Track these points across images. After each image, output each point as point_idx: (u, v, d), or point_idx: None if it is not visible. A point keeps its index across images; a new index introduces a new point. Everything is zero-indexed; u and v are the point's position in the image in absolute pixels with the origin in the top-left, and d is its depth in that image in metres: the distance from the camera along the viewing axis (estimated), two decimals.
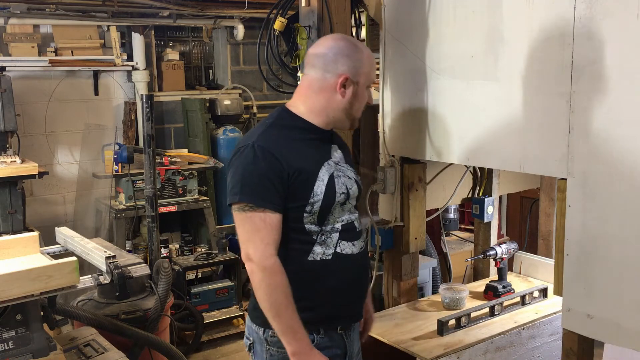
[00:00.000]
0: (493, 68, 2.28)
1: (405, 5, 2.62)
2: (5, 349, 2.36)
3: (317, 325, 1.89)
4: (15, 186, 3.93)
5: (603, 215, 1.95)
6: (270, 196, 1.78)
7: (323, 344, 1.89)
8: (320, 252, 1.87)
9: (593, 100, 1.96)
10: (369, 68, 1.90)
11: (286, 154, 1.81)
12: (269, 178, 1.77)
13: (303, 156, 1.85)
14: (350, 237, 1.93)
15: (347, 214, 1.94)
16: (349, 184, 1.93)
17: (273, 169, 1.78)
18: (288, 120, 1.91)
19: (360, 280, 2.00)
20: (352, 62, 1.86)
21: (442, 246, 3.72)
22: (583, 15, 1.96)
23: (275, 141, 1.83)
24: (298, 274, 1.85)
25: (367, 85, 1.92)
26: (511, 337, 2.59)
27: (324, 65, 1.87)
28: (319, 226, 1.87)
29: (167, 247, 4.51)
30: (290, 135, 1.88)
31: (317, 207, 1.84)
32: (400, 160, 2.79)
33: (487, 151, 2.36)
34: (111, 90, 5.30)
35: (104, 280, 2.75)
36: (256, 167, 1.78)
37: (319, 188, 1.84)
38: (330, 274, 1.88)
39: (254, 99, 5.90)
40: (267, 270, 1.76)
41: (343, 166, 1.96)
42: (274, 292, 1.76)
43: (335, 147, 1.98)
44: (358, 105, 1.92)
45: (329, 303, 1.90)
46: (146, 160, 3.68)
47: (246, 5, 5.05)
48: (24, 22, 4.79)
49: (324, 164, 1.89)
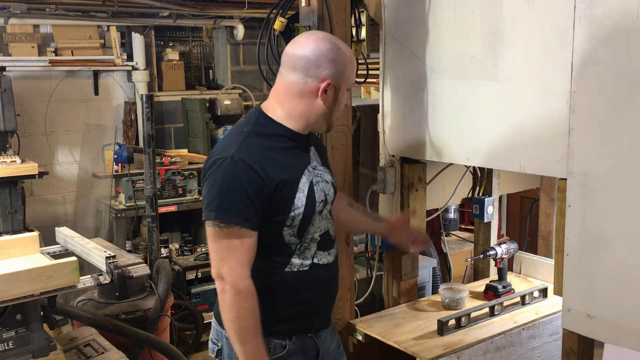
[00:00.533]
0: (493, 68, 2.28)
1: (405, 5, 2.62)
2: (5, 349, 2.36)
3: (289, 334, 1.87)
4: (15, 186, 3.93)
5: (603, 215, 1.95)
6: (249, 214, 1.69)
7: (295, 349, 1.88)
8: (298, 263, 1.83)
9: (593, 100, 1.96)
10: (351, 71, 1.84)
11: (267, 167, 1.72)
12: (248, 195, 1.68)
13: (284, 168, 1.77)
14: (327, 246, 1.91)
15: (325, 222, 1.90)
16: (326, 189, 1.89)
17: (253, 185, 1.69)
18: (267, 128, 1.81)
19: (334, 288, 2.00)
20: (335, 67, 1.77)
21: (442, 246, 3.72)
22: (583, 15, 1.96)
23: (255, 154, 1.73)
24: (275, 286, 1.81)
25: (349, 88, 1.86)
26: (511, 337, 2.59)
27: (306, 69, 1.76)
28: (299, 238, 1.82)
29: (167, 247, 4.51)
30: (270, 144, 1.79)
31: (298, 220, 1.78)
32: (400, 160, 2.79)
33: (487, 151, 2.36)
34: (111, 90, 5.30)
35: (104, 280, 2.75)
36: (235, 182, 1.68)
37: (300, 200, 1.78)
38: (306, 284, 1.85)
39: (254, 99, 5.90)
40: (242, 293, 1.69)
41: (320, 169, 1.90)
42: (245, 318, 1.70)
43: (312, 151, 1.92)
44: (337, 110, 1.86)
45: (303, 313, 1.88)
46: (146, 160, 3.68)
47: (246, 5, 5.05)
48: (24, 22, 4.78)
49: (304, 172, 1.83)
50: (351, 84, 1.87)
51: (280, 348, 1.86)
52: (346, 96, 1.87)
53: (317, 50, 1.77)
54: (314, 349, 1.93)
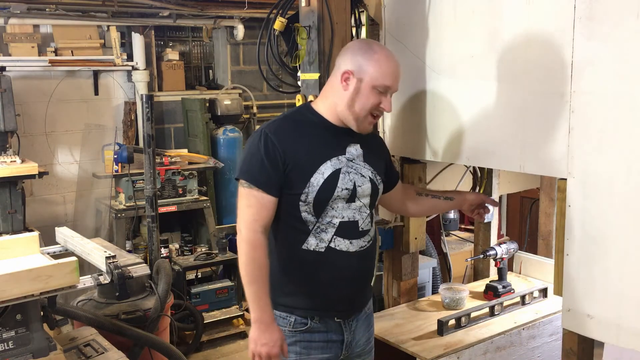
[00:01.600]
0: (493, 68, 2.28)
1: (405, 5, 2.62)
2: (5, 349, 2.36)
3: (311, 311, 1.99)
4: (15, 186, 3.93)
5: (603, 215, 1.95)
6: (265, 178, 1.90)
7: (317, 328, 2.00)
8: (314, 243, 1.95)
9: (593, 100, 1.96)
10: (379, 69, 1.91)
11: (288, 142, 1.91)
12: (265, 163, 1.89)
13: (306, 148, 1.93)
14: (349, 235, 1.98)
15: (354, 212, 1.98)
16: (359, 182, 1.98)
17: (270, 154, 1.89)
18: (304, 115, 2.01)
19: (355, 279, 2.04)
20: (358, 59, 1.91)
21: (442, 246, 3.72)
22: (583, 15, 1.96)
23: (282, 130, 1.94)
24: (291, 261, 1.98)
25: (375, 86, 1.92)
26: (511, 337, 2.59)
27: (337, 64, 1.97)
28: (316, 217, 1.94)
29: (167, 247, 4.50)
30: (301, 128, 1.97)
31: (312, 197, 1.91)
32: (400, 160, 2.79)
33: (487, 151, 2.36)
34: (111, 90, 5.30)
35: (104, 280, 2.75)
36: (258, 150, 1.91)
37: (316, 180, 1.92)
38: (322, 266, 1.96)
39: (254, 99, 5.90)
40: (250, 243, 1.89)
41: (359, 164, 2.01)
42: (251, 264, 1.89)
43: (355, 146, 2.01)
44: (360, 104, 1.93)
45: (320, 294, 1.99)
46: (146, 160, 3.68)
47: (246, 5, 5.05)
48: (24, 22, 4.79)
49: (332, 158, 1.95)
50: (382, 85, 1.93)
51: (301, 324, 2.00)
52: (380, 99, 1.94)
53: (349, 47, 1.98)
54: (339, 333, 2.03)
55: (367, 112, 1.95)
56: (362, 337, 2.11)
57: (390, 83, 1.94)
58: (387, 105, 1.96)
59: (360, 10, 2.79)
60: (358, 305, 2.09)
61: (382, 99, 1.94)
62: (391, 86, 1.95)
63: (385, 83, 1.93)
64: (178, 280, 4.17)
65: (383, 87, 1.93)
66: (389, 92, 1.96)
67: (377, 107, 1.95)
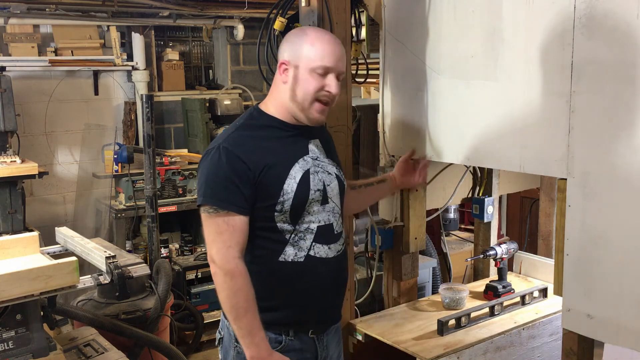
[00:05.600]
0: (493, 68, 2.28)
1: (405, 5, 2.62)
2: (5, 349, 2.36)
3: (286, 327, 1.86)
4: (15, 186, 3.93)
5: (603, 215, 1.95)
6: (234, 198, 1.75)
7: (292, 346, 1.87)
8: (292, 253, 1.84)
9: (593, 100, 1.96)
10: (313, 51, 1.79)
11: (252, 154, 1.78)
12: (232, 180, 1.75)
13: (272, 155, 1.81)
14: (327, 240, 1.89)
15: (328, 215, 1.89)
16: (327, 180, 1.89)
17: (237, 170, 1.75)
18: (257, 120, 1.89)
19: (335, 286, 1.96)
20: (292, 46, 1.83)
21: (442, 246, 3.72)
22: (583, 15, 1.96)
23: (242, 142, 1.80)
24: (268, 275, 1.84)
25: (313, 68, 1.79)
26: (511, 337, 2.59)
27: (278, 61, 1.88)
28: (292, 225, 1.83)
29: (167, 247, 4.51)
30: (259, 134, 1.84)
31: (288, 205, 1.80)
32: None
33: (487, 151, 2.36)
34: (111, 90, 5.30)
35: (104, 280, 2.76)
36: (220, 169, 1.77)
37: (290, 186, 1.80)
38: (301, 276, 1.84)
39: (254, 99, 5.90)
40: (229, 273, 1.74)
41: (323, 161, 1.91)
42: (235, 296, 1.74)
43: (315, 142, 1.93)
44: (302, 91, 1.81)
45: (298, 306, 1.87)
46: (146, 160, 3.68)
47: (246, 5, 5.04)
48: (24, 22, 4.78)
49: (298, 160, 1.84)
50: (319, 67, 1.80)
51: (276, 343, 1.85)
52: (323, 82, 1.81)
53: (284, 38, 1.88)
54: (312, 350, 1.92)
55: (311, 98, 1.82)
56: (334, 352, 2.01)
57: (329, 63, 1.80)
58: (333, 87, 1.81)
59: (360, 10, 2.79)
60: (333, 316, 2.00)
61: (325, 82, 1.81)
62: (332, 67, 1.81)
63: (323, 64, 1.79)
64: (178, 280, 4.17)
65: (322, 68, 1.80)
66: (333, 74, 1.82)
67: (321, 90, 1.81)
